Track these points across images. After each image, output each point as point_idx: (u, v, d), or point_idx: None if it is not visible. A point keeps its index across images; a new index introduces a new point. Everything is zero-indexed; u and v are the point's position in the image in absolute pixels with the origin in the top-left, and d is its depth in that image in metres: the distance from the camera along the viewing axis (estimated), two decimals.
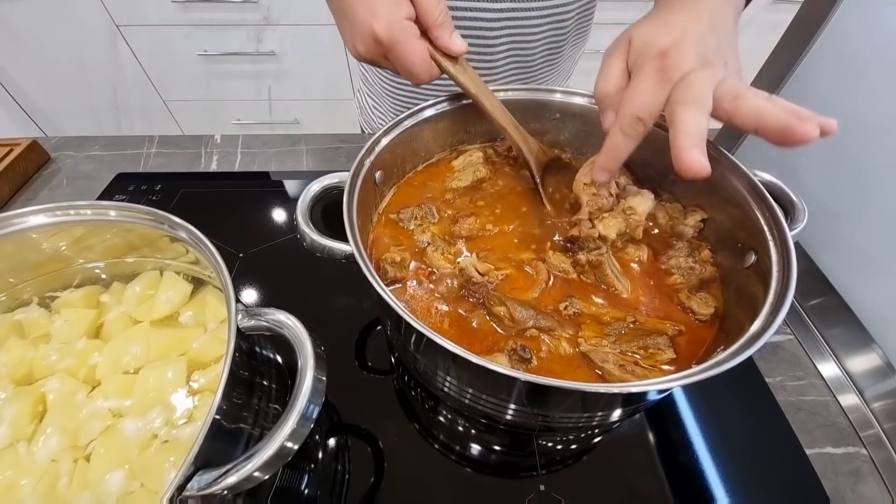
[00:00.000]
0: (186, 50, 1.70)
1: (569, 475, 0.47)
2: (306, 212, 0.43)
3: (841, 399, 0.54)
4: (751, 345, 0.30)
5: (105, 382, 0.38)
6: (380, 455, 0.48)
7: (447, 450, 0.49)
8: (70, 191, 0.74)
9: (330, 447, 0.49)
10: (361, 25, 0.40)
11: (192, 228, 0.35)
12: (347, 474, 0.47)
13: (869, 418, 0.52)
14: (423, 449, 0.49)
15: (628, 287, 0.45)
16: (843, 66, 0.62)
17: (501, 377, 0.30)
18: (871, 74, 0.57)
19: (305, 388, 0.30)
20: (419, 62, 0.42)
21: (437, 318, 0.43)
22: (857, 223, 0.61)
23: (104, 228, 0.39)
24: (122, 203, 0.37)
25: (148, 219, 0.37)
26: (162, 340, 0.40)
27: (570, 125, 0.56)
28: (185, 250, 0.40)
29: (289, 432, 0.30)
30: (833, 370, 0.57)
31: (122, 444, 0.34)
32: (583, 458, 0.49)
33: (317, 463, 0.47)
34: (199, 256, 0.36)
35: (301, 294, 0.61)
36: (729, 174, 0.45)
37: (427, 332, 0.32)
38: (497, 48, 0.68)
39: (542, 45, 0.71)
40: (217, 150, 0.81)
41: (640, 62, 0.38)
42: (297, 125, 1.98)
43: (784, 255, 0.37)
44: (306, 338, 0.32)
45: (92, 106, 1.89)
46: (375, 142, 0.47)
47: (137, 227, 0.37)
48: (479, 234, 0.50)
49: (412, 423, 0.51)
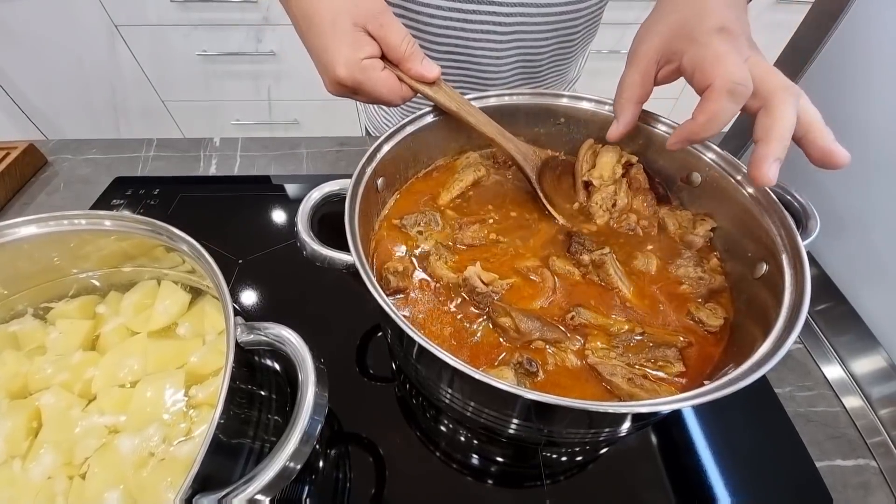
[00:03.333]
0: (185, 50, 1.69)
1: (574, 486, 0.46)
2: (307, 221, 0.42)
3: (846, 402, 0.53)
4: (765, 363, 0.29)
5: (101, 397, 0.37)
6: (381, 463, 0.47)
7: (449, 459, 0.48)
8: (67, 195, 0.73)
9: (330, 456, 0.48)
10: (326, 71, 0.43)
11: (191, 240, 0.34)
12: (349, 482, 0.46)
13: (876, 425, 0.52)
14: (425, 457, 0.48)
15: (630, 287, 0.45)
16: (853, 67, 0.61)
17: (505, 393, 0.30)
18: (883, 76, 0.56)
19: (307, 405, 0.30)
20: (387, 92, 0.44)
21: (440, 329, 0.42)
22: (866, 227, 0.60)
23: (99, 238, 0.39)
24: (118, 213, 0.36)
25: (145, 229, 0.36)
26: (159, 352, 0.39)
27: (574, 129, 0.55)
28: (182, 259, 0.39)
29: (291, 452, 0.29)
30: (838, 373, 0.56)
31: (118, 463, 0.33)
32: (588, 467, 0.48)
33: (317, 472, 0.47)
34: (196, 267, 0.35)
35: (301, 301, 0.60)
36: (738, 182, 0.44)
37: (430, 346, 0.31)
38: (506, 53, 0.67)
39: (549, 51, 0.70)
40: (216, 153, 0.80)
41: (700, 39, 0.38)
42: (297, 126, 1.97)
43: (797, 267, 0.36)
44: (307, 353, 0.31)
45: (90, 106, 1.87)
46: (377, 149, 0.46)
47: (133, 236, 0.36)
48: (483, 241, 0.49)
49: (414, 431, 0.50)
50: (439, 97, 0.47)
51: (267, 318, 0.57)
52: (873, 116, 0.57)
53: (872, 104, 0.58)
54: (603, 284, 0.45)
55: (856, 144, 0.63)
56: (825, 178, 0.65)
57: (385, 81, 0.43)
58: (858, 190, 0.60)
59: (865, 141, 0.58)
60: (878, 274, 0.58)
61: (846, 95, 0.62)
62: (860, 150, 0.62)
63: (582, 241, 0.47)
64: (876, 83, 0.57)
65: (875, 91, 0.57)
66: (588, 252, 0.46)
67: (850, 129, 0.60)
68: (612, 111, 0.49)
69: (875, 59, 0.57)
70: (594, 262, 0.45)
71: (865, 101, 0.59)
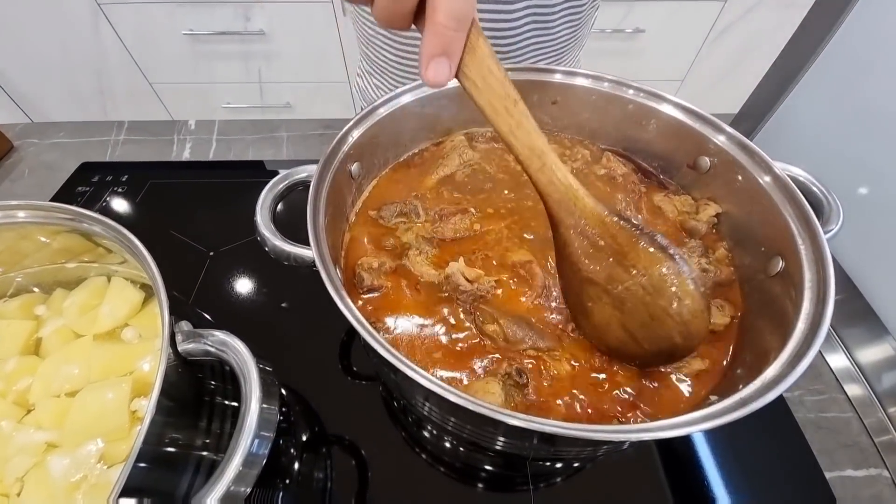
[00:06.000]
0: (171, 29, 1.62)
1: (564, 490, 0.44)
2: (268, 213, 0.38)
3: (849, 390, 0.50)
4: (780, 381, 0.25)
5: (39, 408, 0.34)
6: (363, 466, 0.45)
7: (435, 460, 0.46)
8: (31, 181, 0.69)
9: (311, 457, 0.46)
10: None
11: (115, 226, 0.30)
12: (330, 482, 0.44)
13: (884, 421, 0.48)
14: (410, 461, 0.45)
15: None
16: (871, 50, 0.56)
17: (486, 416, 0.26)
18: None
19: (249, 424, 0.26)
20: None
21: (420, 332, 0.38)
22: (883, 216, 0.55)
23: (33, 231, 0.34)
24: (33, 202, 0.32)
25: (65, 218, 0.31)
26: (105, 358, 0.35)
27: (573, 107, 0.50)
28: (124, 258, 0.34)
29: (232, 477, 0.26)
30: (843, 363, 0.53)
31: (50, 486, 0.29)
32: (581, 471, 0.45)
33: (298, 473, 0.44)
34: (129, 259, 0.31)
35: (277, 296, 0.57)
36: (751, 167, 0.39)
37: (399, 362, 0.27)
38: (517, 22, 0.61)
39: (562, 17, 0.63)
40: (191, 136, 0.75)
41: None
42: (290, 109, 1.91)
43: (819, 265, 0.31)
44: (251, 363, 0.27)
45: (76, 90, 1.82)
46: (349, 130, 0.41)
47: (54, 227, 0.32)
48: (468, 233, 0.45)
49: (399, 432, 0.47)
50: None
51: (236, 316, 0.54)
52: (890, 102, 0.52)
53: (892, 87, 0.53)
54: None
55: (871, 128, 0.59)
56: (839, 164, 0.60)
57: None
58: (877, 176, 0.55)
59: (881, 125, 0.53)
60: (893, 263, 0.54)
61: (863, 80, 0.57)
62: (876, 132, 0.57)
63: None
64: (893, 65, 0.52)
65: (892, 73, 0.52)
66: None
67: (866, 112, 0.55)
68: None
69: (894, 40, 0.52)
70: None
71: (885, 84, 0.54)
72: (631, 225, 0.32)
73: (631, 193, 0.48)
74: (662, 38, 1.53)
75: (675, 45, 1.55)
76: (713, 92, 1.68)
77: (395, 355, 0.27)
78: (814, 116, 0.64)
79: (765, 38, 1.51)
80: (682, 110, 0.44)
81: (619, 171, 0.49)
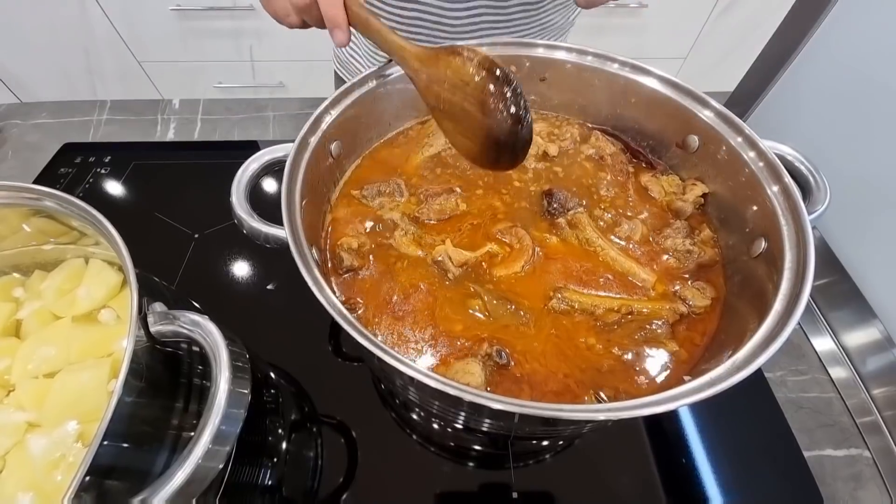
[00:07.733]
0: (158, 5, 1.57)
1: (550, 467, 0.44)
2: (244, 194, 0.37)
3: (833, 373, 0.50)
4: (753, 360, 0.25)
5: (19, 389, 0.34)
6: (353, 444, 0.45)
7: (426, 441, 0.46)
8: (15, 163, 0.68)
9: (302, 437, 0.46)
10: None
11: (81, 204, 0.29)
12: (321, 460, 0.45)
13: (867, 403, 0.49)
14: (400, 439, 0.46)
15: (606, 245, 0.41)
16: (872, 25, 0.54)
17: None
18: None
19: (218, 402, 0.26)
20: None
21: (402, 308, 0.38)
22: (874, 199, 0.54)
23: (6, 213, 0.34)
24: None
25: (28, 198, 0.31)
26: (84, 340, 0.35)
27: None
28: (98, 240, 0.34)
29: (201, 454, 0.26)
30: (829, 345, 0.53)
31: (30, 465, 0.30)
32: (567, 449, 0.45)
33: (287, 453, 0.45)
34: (99, 239, 0.31)
35: (264, 277, 0.56)
36: (738, 144, 0.39)
37: (372, 346, 0.27)
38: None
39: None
40: (175, 116, 0.74)
41: None
42: (283, 88, 1.87)
43: (800, 246, 0.31)
44: (222, 344, 0.27)
45: (65, 69, 1.78)
46: (324, 111, 0.40)
47: (18, 206, 0.31)
48: (454, 212, 0.44)
49: (389, 412, 0.48)
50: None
51: (222, 298, 0.54)
52: (887, 78, 0.51)
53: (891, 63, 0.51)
54: (586, 248, 0.41)
55: (868, 105, 0.57)
56: (828, 140, 0.59)
57: None
58: (867, 153, 0.54)
59: (877, 105, 0.52)
60: (886, 246, 0.53)
61: (863, 53, 0.55)
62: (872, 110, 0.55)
63: (562, 198, 0.43)
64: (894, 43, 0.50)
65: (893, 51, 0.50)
66: (564, 214, 0.43)
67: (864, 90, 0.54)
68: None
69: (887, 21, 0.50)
70: (570, 222, 0.42)
71: (880, 64, 0.52)
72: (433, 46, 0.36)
73: (619, 174, 0.47)
74: (665, 14, 1.48)
75: (677, 22, 1.51)
76: (717, 70, 1.64)
77: (373, 342, 0.27)
78: (808, 96, 0.62)
79: (769, 14, 1.46)
80: (667, 84, 0.42)
81: (608, 151, 0.48)
